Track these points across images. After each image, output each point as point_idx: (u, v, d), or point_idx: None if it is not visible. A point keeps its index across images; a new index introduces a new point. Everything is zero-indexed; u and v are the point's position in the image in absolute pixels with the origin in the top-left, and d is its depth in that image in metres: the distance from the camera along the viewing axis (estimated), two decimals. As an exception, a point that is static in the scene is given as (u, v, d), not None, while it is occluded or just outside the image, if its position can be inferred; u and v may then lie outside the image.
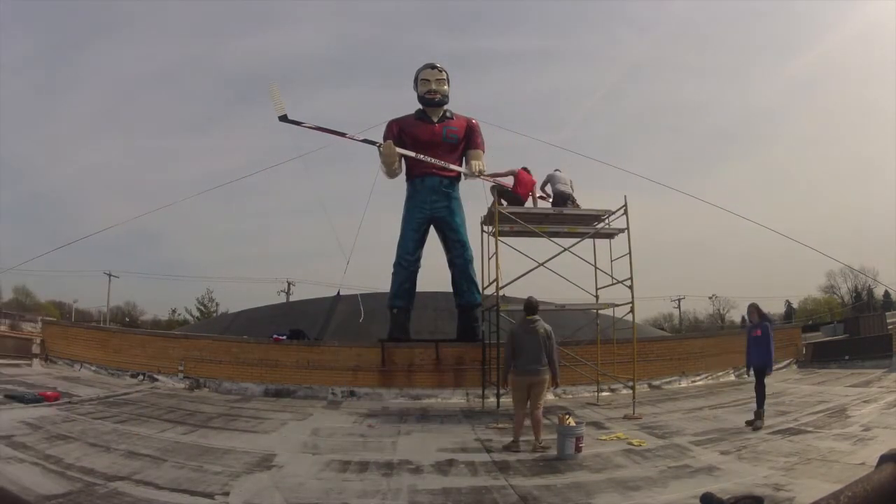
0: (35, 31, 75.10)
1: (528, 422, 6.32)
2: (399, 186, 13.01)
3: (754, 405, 7.25)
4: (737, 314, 54.78)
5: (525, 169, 10.87)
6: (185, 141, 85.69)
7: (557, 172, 10.73)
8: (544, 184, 10.82)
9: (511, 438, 6.40)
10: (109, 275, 42.07)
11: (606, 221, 10.05)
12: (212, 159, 77.80)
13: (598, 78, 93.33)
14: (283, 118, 12.27)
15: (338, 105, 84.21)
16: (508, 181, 10.69)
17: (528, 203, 10.71)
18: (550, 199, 10.57)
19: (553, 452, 5.94)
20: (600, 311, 10.72)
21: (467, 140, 12.66)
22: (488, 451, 6.24)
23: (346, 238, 24.43)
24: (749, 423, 6.99)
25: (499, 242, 9.53)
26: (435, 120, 12.58)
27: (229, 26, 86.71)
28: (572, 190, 10.48)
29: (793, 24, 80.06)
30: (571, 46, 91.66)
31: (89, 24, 79.77)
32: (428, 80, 12.54)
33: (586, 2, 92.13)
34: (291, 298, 35.13)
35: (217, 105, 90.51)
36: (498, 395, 8.93)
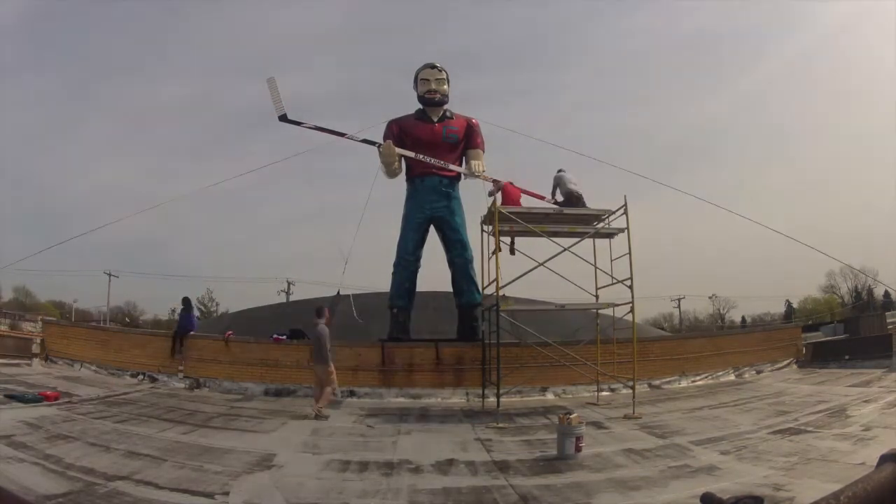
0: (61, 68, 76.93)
1: None
2: (398, 187, 13.02)
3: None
4: (737, 314, 54.96)
5: (510, 182, 10.80)
6: (191, 165, 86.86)
7: (563, 173, 10.65)
8: (553, 189, 10.75)
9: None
10: (109, 274, 41.91)
11: (606, 221, 10.04)
12: (216, 179, 79.08)
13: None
14: (283, 118, 12.26)
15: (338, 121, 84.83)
16: (498, 196, 10.52)
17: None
18: (561, 201, 10.49)
19: (553, 452, 5.95)
20: (600, 311, 10.70)
21: (467, 140, 12.63)
22: (488, 450, 6.25)
23: (345, 239, 24.49)
24: None
25: (499, 242, 9.50)
26: (435, 120, 12.56)
27: (235, 69, 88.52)
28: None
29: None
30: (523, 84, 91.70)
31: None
32: (428, 80, 12.51)
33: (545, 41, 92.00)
34: (291, 298, 35.11)
35: (221, 135, 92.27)
36: (498, 395, 8.92)
